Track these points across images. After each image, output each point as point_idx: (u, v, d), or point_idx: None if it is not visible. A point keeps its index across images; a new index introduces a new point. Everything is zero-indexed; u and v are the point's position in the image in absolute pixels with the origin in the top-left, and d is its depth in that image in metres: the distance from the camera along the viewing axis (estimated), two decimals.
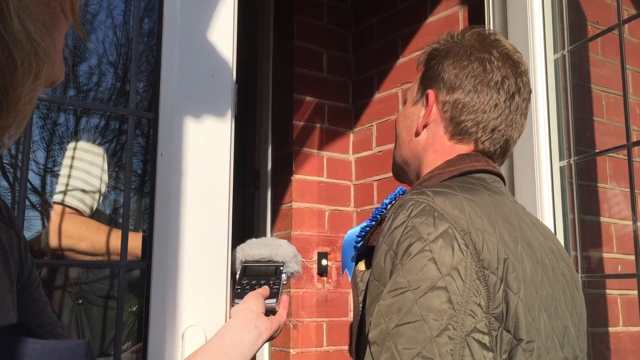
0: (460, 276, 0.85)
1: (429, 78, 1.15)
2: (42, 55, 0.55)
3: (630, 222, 1.63)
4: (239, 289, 1.24)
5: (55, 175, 1.83)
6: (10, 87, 0.53)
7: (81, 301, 1.78)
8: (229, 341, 1.07)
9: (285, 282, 1.27)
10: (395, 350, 0.82)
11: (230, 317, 1.15)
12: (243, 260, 1.31)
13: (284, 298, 1.25)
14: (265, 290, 1.22)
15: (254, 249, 1.31)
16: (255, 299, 1.18)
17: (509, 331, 0.88)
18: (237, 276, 1.29)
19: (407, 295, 0.85)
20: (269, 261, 1.29)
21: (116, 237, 1.61)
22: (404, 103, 1.24)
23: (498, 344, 0.87)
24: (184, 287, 1.29)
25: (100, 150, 1.79)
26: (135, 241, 1.51)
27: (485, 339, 0.84)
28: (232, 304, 1.21)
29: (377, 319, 0.87)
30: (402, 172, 1.24)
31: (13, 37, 0.52)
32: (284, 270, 1.28)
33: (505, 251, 0.91)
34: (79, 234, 1.65)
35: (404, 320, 0.83)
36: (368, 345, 0.88)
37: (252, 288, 1.23)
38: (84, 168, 1.74)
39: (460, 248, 0.87)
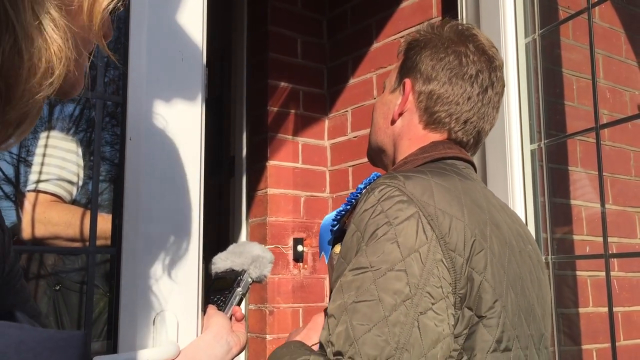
0: (421, 259, 0.88)
1: (407, 68, 1.18)
2: (55, 53, 0.50)
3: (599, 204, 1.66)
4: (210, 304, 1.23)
5: (29, 165, 1.79)
6: (14, 81, 0.49)
7: (58, 287, 1.76)
8: (203, 352, 1.10)
9: (243, 292, 1.24)
10: (349, 324, 0.87)
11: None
12: (214, 273, 1.30)
13: (236, 310, 1.22)
14: (211, 308, 1.20)
15: (222, 261, 1.28)
16: (218, 316, 1.18)
17: (470, 308, 0.91)
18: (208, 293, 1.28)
19: (367, 275, 0.89)
20: (231, 272, 1.27)
21: (104, 221, 1.58)
22: (383, 90, 1.27)
23: (459, 322, 0.91)
24: (155, 272, 1.28)
25: (73, 139, 1.76)
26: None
27: (440, 320, 0.87)
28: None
29: (337, 293, 0.92)
30: (377, 157, 1.27)
31: (23, 29, 0.48)
32: (244, 278, 1.24)
33: (473, 233, 0.94)
34: (65, 221, 1.62)
35: (360, 298, 0.88)
36: (326, 317, 0.92)
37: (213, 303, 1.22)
38: (60, 155, 1.71)
39: (425, 232, 0.90)
